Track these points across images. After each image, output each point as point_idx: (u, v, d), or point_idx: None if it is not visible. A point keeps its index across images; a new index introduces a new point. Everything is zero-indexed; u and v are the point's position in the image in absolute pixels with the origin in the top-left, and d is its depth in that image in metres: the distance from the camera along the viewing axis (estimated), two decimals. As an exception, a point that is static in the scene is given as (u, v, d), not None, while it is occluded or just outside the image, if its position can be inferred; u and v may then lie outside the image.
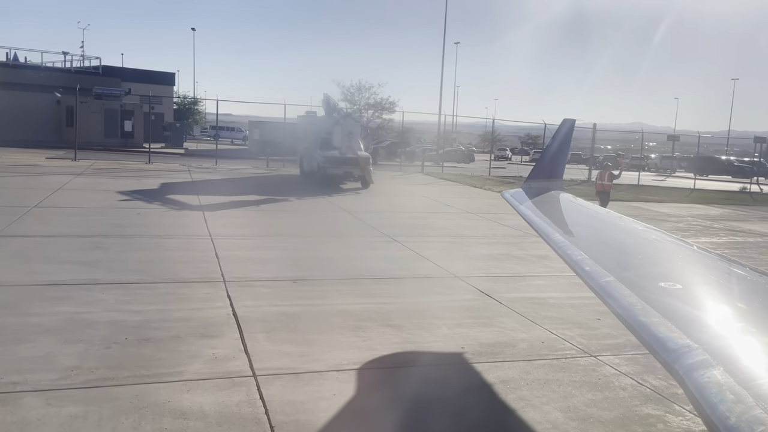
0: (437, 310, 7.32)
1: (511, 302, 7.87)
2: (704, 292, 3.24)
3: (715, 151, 79.11)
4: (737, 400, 1.96)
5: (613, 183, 17.21)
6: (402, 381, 5.15)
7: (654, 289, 3.05)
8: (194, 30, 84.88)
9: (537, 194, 6.09)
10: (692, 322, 2.66)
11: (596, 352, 6.22)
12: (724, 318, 2.79)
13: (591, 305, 7.97)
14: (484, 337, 6.44)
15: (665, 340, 2.42)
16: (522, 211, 5.43)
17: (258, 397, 4.67)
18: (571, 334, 6.77)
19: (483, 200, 20.60)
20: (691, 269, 3.71)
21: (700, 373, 2.14)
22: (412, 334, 6.39)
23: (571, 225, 5.25)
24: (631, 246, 4.50)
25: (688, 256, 4.08)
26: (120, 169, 23.72)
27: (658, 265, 3.92)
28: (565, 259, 3.85)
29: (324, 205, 16.68)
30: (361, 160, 20.96)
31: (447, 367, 5.53)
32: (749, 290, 3.29)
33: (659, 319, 2.60)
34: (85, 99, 40.76)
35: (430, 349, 5.97)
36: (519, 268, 10.04)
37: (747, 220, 19.32)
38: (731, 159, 59.95)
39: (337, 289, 7.97)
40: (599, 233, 5.07)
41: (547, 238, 4.41)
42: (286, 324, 6.45)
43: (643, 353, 6.22)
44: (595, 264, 3.52)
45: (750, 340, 2.51)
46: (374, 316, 6.93)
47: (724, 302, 3.03)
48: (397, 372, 5.34)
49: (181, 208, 14.34)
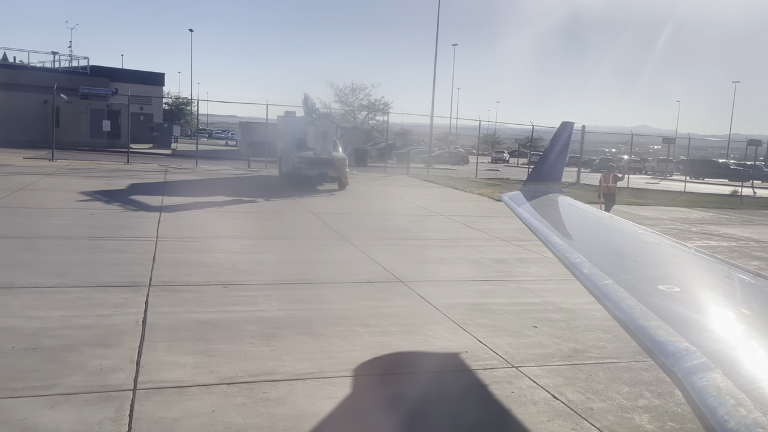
0: (367, 317, 6.97)
1: (449, 308, 7.52)
2: (703, 295, 3.25)
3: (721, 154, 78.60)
4: (736, 403, 1.94)
5: (617, 185, 17.74)
6: (292, 397, 4.79)
7: (652, 292, 3.04)
8: (192, 31, 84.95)
9: (535, 197, 6.07)
10: (691, 325, 2.64)
11: (520, 363, 5.86)
12: (723, 321, 2.78)
13: (532, 312, 7.64)
14: (405, 347, 6.09)
15: (664, 344, 2.41)
16: (520, 214, 5.41)
17: (127, 414, 4.31)
18: (500, 342, 6.42)
19: (460, 202, 20.24)
20: (689, 272, 3.71)
21: (699, 376, 2.12)
22: (328, 343, 6.04)
23: (570, 228, 5.23)
24: (629, 249, 4.49)
25: (687, 259, 4.04)
26: (95, 170, 23.39)
27: (656, 268, 3.91)
28: (564, 262, 3.82)
29: (291, 206, 16.33)
30: (337, 161, 20.60)
31: (346, 380, 5.16)
32: (748, 293, 3.27)
33: (658, 323, 2.58)
34: (70, 99, 40.53)
35: (340, 360, 5.61)
36: (471, 273, 9.69)
37: (727, 224, 18.96)
38: (727, 162, 59.68)
39: (267, 295, 7.62)
40: (597, 236, 5.07)
41: (545, 241, 4.38)
42: (196, 332, 6.10)
43: (568, 364, 5.89)
44: (594, 267, 3.50)
45: (749, 344, 2.49)
46: (296, 323, 6.58)
47: (722, 305, 3.03)
48: (291, 386, 4.99)
49: (138, 209, 13.99)
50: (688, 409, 5.09)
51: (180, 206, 14.72)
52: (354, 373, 5.31)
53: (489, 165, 56.73)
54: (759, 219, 21.09)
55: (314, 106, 21.85)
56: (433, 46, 40.22)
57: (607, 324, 7.28)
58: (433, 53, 39.38)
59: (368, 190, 22.35)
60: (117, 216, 12.82)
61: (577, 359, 6.06)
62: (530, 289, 8.84)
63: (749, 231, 17.37)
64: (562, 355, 6.17)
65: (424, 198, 20.51)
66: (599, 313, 7.74)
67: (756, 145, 50.07)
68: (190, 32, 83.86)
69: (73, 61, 46.81)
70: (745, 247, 14.21)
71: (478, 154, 48.30)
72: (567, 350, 6.31)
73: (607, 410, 4.94)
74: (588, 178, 35.61)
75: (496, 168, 50.23)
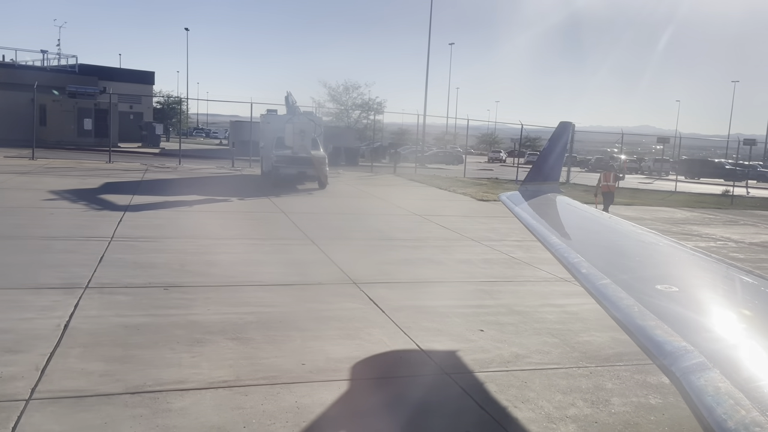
0: (306, 321, 6.70)
1: (396, 311, 7.25)
2: (701, 294, 3.24)
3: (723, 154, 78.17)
4: (735, 403, 1.94)
5: (617, 184, 17.93)
6: (196, 408, 4.52)
7: (650, 292, 3.04)
8: (188, 30, 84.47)
9: (533, 197, 6.06)
10: (689, 324, 2.64)
11: (454, 370, 5.59)
12: (721, 321, 2.78)
13: (483, 314, 7.38)
14: (337, 352, 5.82)
15: (662, 343, 2.40)
16: (518, 214, 5.40)
17: (11, 427, 4.04)
18: (439, 347, 6.15)
19: (440, 202, 19.98)
20: (687, 272, 3.72)
21: (697, 375, 2.12)
22: (256, 349, 5.77)
23: (568, 228, 5.23)
24: (627, 248, 4.49)
25: (685, 258, 4.04)
26: (74, 168, 23.11)
27: (654, 268, 3.90)
28: (562, 261, 3.79)
29: (263, 206, 16.05)
30: (316, 160, 20.31)
31: (260, 389, 4.88)
32: (746, 293, 3.27)
33: (656, 322, 2.58)
34: (57, 97, 40.22)
35: (262, 367, 5.34)
36: (430, 274, 9.42)
37: (710, 224, 18.70)
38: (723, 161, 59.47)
39: (208, 297, 7.35)
40: (596, 236, 5.06)
41: (543, 241, 4.36)
42: (117, 338, 5.83)
43: (505, 370, 5.64)
44: (592, 267, 3.48)
45: (748, 343, 2.48)
46: (228, 328, 6.31)
47: (721, 305, 3.02)
48: (199, 396, 4.71)
49: (103, 208, 13.71)
50: (621, 418, 4.85)
51: (147, 205, 14.44)
52: (269, 381, 5.04)
53: (485, 165, 56.47)
54: (744, 219, 20.83)
55: (295, 104, 21.55)
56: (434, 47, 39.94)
57: (556, 327, 7.03)
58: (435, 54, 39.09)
59: (349, 189, 22.07)
60: (78, 215, 12.54)
61: (516, 365, 5.79)
62: (487, 291, 8.58)
63: (730, 231, 17.11)
64: (501, 360, 5.90)
65: (404, 198, 20.23)
66: (551, 316, 7.51)
67: (751, 144, 49.83)
68: (186, 31, 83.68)
69: (62, 60, 46.45)
70: (723, 248, 13.94)
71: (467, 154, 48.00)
72: (508, 355, 6.04)
73: (532, 420, 4.67)
74: (578, 177, 35.38)
75: (491, 168, 49.89)
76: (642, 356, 6.22)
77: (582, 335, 6.82)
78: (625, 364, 6.01)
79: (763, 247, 14.38)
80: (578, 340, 6.63)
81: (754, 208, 25.73)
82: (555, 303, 8.14)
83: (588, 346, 6.47)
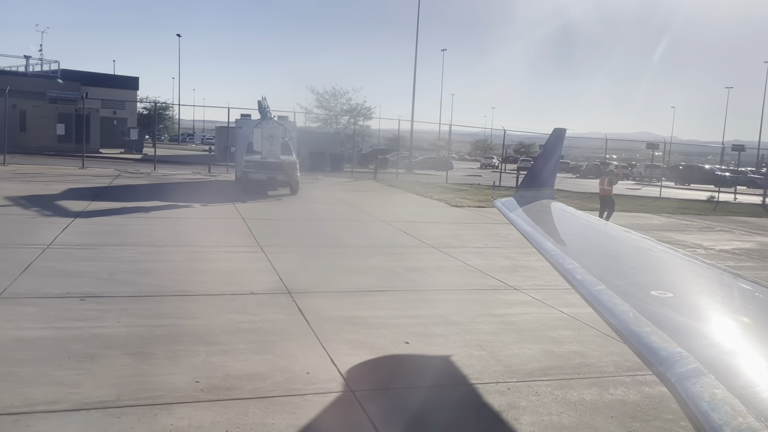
0: (220, 334, 6.33)
1: (322, 322, 6.89)
2: (696, 300, 3.26)
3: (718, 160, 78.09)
4: (730, 408, 1.95)
5: (612, 188, 18.38)
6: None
7: (645, 298, 3.05)
8: (179, 36, 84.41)
9: (528, 203, 6.06)
10: (684, 330, 2.66)
11: (360, 387, 5.23)
12: (716, 326, 2.78)
13: (415, 325, 7.03)
14: (239, 369, 5.44)
15: (657, 349, 2.41)
16: (512, 219, 5.40)
17: None
18: (354, 361, 5.79)
19: (411, 208, 19.64)
20: (682, 278, 3.73)
21: (692, 381, 2.13)
22: (152, 366, 5.39)
23: (563, 234, 5.23)
24: (622, 254, 4.50)
25: (679, 264, 4.06)
26: (43, 174, 22.71)
27: (649, 274, 3.91)
28: (557, 267, 3.78)
29: (225, 212, 15.68)
30: (286, 165, 19.95)
31: (131, 411, 4.50)
32: (741, 298, 3.28)
33: (651, 328, 2.59)
34: (37, 103, 39.81)
35: (149, 386, 4.96)
36: (374, 282, 9.06)
37: (684, 231, 18.40)
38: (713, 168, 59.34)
39: (124, 308, 6.98)
40: (590, 242, 5.07)
41: (538, 247, 4.34)
42: (5, 353, 5.44)
43: (410, 387, 5.28)
44: (587, 273, 3.47)
45: (743, 349, 2.48)
46: (132, 342, 5.93)
47: (716, 311, 3.02)
48: (65, 419, 4.33)
49: (54, 214, 13.31)
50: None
51: (102, 212, 14.06)
52: (151, 402, 4.66)
53: (476, 170, 56.16)
54: (721, 225, 20.55)
55: (267, 108, 21.21)
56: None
57: (488, 339, 6.69)
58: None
59: (322, 195, 21.72)
60: (24, 222, 12.16)
61: (426, 382, 5.43)
62: (428, 300, 8.22)
63: (703, 238, 16.81)
64: (413, 376, 5.54)
65: (375, 203, 19.90)
66: (487, 327, 7.16)
67: (739, 150, 49.73)
68: (178, 37, 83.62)
69: (45, 66, 46.05)
70: (691, 255, 13.61)
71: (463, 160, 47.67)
72: (424, 371, 5.69)
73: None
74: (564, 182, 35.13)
75: (480, 174, 49.60)
76: (568, 371, 5.90)
77: (512, 347, 6.47)
78: (549, 379, 5.66)
79: (732, 254, 14.08)
80: (506, 353, 6.28)
81: (736, 215, 25.47)
82: (495, 313, 7.79)
83: (515, 359, 6.12)
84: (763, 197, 33.54)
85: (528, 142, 74.38)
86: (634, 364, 6.21)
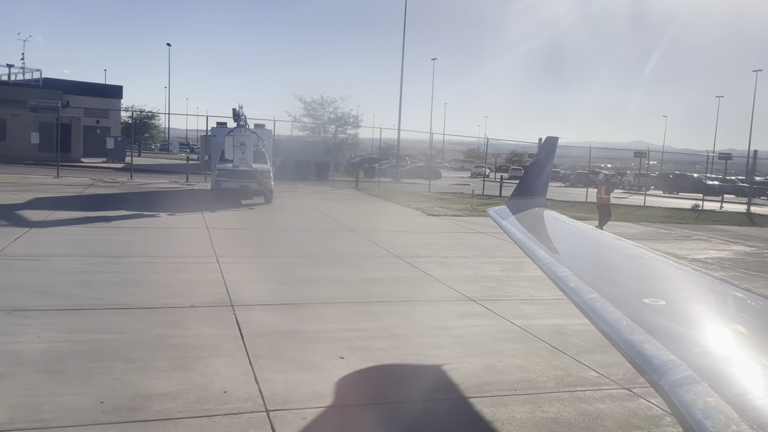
0: (144, 350, 6.02)
1: (257, 337, 6.60)
2: (688, 308, 3.25)
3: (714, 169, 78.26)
4: (723, 416, 1.94)
5: (610, 196, 18.44)
6: None
7: (638, 306, 3.04)
8: (169, 45, 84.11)
9: (520, 211, 6.05)
10: (676, 338, 2.65)
11: (279, 405, 4.93)
12: (709, 334, 2.79)
13: (356, 338, 6.75)
14: (153, 388, 5.13)
15: (650, 357, 2.40)
16: (505, 228, 5.38)
17: None
18: (278, 378, 5.49)
19: (386, 217, 19.38)
20: (674, 285, 3.74)
21: (686, 389, 2.13)
22: (60, 385, 5.07)
23: (555, 242, 5.24)
24: (615, 262, 4.51)
25: (672, 272, 4.07)
26: (14, 184, 22.32)
27: (642, 282, 3.92)
28: (550, 275, 3.77)
29: (190, 221, 15.36)
30: (259, 173, 19.68)
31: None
32: (733, 306, 3.26)
33: (644, 336, 2.58)
34: (17, 111, 39.42)
35: (48, 408, 4.64)
36: (325, 294, 8.77)
37: (661, 239, 18.22)
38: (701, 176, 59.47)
39: (50, 323, 6.66)
40: (583, 250, 5.09)
41: (530, 255, 4.33)
42: None
43: (337, 406, 4.99)
44: (580, 281, 3.46)
45: (736, 356, 2.47)
46: (47, 359, 5.62)
47: (708, 318, 3.02)
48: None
49: (10, 224, 12.95)
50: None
51: (61, 221, 13.72)
52: (43, 425, 4.35)
53: (466, 179, 55.99)
54: (699, 234, 20.40)
55: (243, 116, 20.96)
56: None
57: (428, 353, 6.41)
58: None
59: (297, 204, 21.44)
60: (-25, 233, 11.81)
61: (348, 401, 5.14)
62: (375, 312, 7.94)
63: (678, 246, 16.63)
64: (337, 395, 5.25)
65: (349, 212, 19.63)
66: (431, 340, 6.89)
67: (726, 158, 49.83)
68: (168, 46, 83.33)
69: (26, 74, 45.71)
70: (683, 263, 13.40)
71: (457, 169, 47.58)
72: (349, 389, 5.40)
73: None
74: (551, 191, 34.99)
75: (468, 183, 49.48)
76: (505, 386, 5.62)
77: (453, 362, 6.19)
78: (482, 396, 5.39)
79: (704, 264, 13.88)
80: (444, 369, 6.01)
81: (718, 223, 25.34)
82: (444, 325, 7.52)
83: (452, 374, 5.85)
84: (748, 206, 33.50)
85: (520, 151, 74.35)
86: (576, 379, 5.96)
